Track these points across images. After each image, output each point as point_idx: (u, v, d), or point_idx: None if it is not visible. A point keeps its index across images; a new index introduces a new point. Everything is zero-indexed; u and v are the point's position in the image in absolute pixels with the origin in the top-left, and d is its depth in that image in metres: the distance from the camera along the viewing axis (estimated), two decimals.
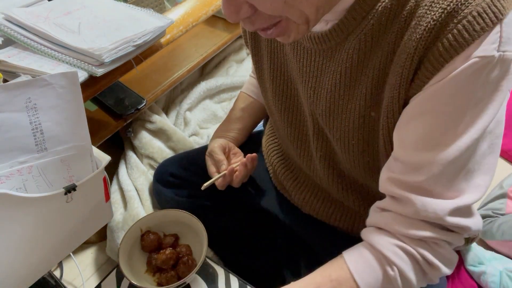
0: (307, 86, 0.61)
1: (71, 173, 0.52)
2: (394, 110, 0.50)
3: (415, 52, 0.45)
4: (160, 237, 0.71)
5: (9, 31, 0.84)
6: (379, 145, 0.57)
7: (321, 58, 0.57)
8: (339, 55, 0.54)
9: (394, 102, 0.50)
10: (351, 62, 0.53)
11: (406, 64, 0.46)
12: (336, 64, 0.55)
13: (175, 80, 1.25)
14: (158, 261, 0.67)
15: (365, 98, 0.54)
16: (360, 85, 0.54)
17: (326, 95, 0.58)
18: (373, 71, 0.51)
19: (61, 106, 0.51)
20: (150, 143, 1.21)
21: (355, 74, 0.53)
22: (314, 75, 0.59)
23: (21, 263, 0.50)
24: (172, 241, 0.70)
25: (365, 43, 0.50)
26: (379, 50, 0.50)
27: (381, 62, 0.50)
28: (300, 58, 0.60)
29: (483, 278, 0.91)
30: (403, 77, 0.47)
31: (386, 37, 0.49)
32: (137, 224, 0.70)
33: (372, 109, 0.54)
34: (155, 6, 1.35)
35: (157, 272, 0.69)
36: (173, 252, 0.68)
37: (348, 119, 0.57)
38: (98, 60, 0.81)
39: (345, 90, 0.55)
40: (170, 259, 0.67)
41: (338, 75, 0.55)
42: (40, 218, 0.49)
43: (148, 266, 0.70)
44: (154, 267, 0.69)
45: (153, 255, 0.69)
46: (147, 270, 0.69)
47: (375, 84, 0.52)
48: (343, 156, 0.62)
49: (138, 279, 0.65)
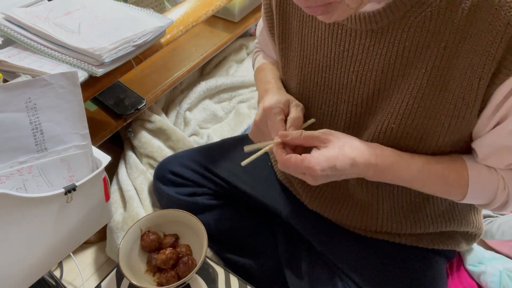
0: (348, 70, 0.59)
1: (71, 173, 0.52)
2: (472, 91, 0.49)
3: (505, 30, 0.44)
4: (160, 237, 0.71)
5: (9, 31, 0.84)
6: (431, 128, 0.55)
7: (369, 40, 0.54)
8: (393, 35, 0.52)
9: (473, 83, 0.48)
10: (411, 41, 0.51)
11: (495, 42, 0.45)
12: (389, 44, 0.53)
13: (175, 80, 1.25)
14: (158, 261, 0.67)
15: (422, 78, 0.52)
16: (419, 64, 0.52)
17: (374, 78, 0.56)
18: (438, 50, 0.50)
19: (61, 106, 0.51)
20: (150, 143, 1.21)
21: (413, 53, 0.52)
22: (358, 59, 0.57)
23: (21, 263, 0.50)
24: (172, 241, 0.70)
25: (430, 21, 0.48)
26: (448, 27, 0.48)
27: (449, 41, 0.48)
28: (342, 42, 0.58)
29: (483, 278, 0.91)
30: (489, 56, 0.46)
31: (456, 15, 0.47)
32: (137, 224, 0.70)
33: (431, 89, 0.52)
34: (155, 6, 1.35)
35: (157, 272, 0.69)
36: (173, 252, 0.68)
37: (397, 100, 0.55)
38: (98, 60, 0.81)
39: (400, 70, 0.53)
40: (170, 259, 0.66)
41: (394, 55, 0.53)
42: (40, 218, 0.49)
43: (148, 266, 0.70)
44: (154, 267, 0.69)
45: (153, 255, 0.69)
46: (147, 270, 0.69)
47: (439, 63, 0.50)
48: (375, 140, 0.59)
49: (138, 279, 0.65)
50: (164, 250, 0.68)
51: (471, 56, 0.48)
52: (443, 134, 0.55)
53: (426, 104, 0.53)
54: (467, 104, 0.51)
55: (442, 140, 0.55)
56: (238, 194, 0.85)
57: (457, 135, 0.55)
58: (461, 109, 0.51)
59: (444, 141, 0.56)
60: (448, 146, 0.57)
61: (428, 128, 0.55)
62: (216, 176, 0.86)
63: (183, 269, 0.66)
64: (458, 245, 0.72)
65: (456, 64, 0.49)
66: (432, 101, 0.53)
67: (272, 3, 0.68)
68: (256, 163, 0.90)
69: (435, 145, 0.56)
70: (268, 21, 0.71)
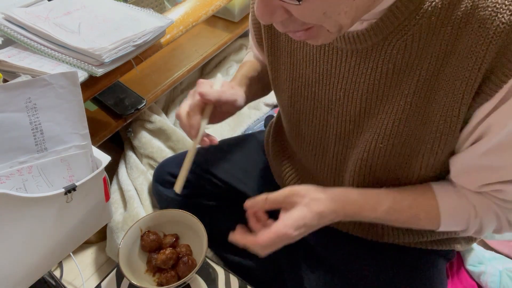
0: (336, 88, 0.59)
1: (71, 173, 0.52)
2: (454, 115, 0.49)
3: (484, 56, 0.44)
4: (160, 237, 0.71)
5: (9, 31, 0.84)
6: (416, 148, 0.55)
7: (355, 59, 0.55)
8: (377, 55, 0.52)
9: (454, 107, 0.49)
10: (394, 62, 0.51)
11: (474, 68, 0.45)
12: (373, 65, 0.53)
13: (175, 80, 1.25)
14: (158, 261, 0.67)
15: (405, 100, 0.52)
16: (402, 86, 0.52)
17: (361, 96, 0.57)
18: (420, 73, 0.50)
19: (61, 106, 0.51)
20: (150, 143, 1.21)
21: (397, 75, 0.52)
22: (345, 77, 0.57)
23: (21, 263, 0.50)
24: (172, 241, 0.70)
25: (412, 43, 0.49)
26: (429, 52, 0.48)
27: (431, 64, 0.49)
28: (329, 59, 0.58)
29: (483, 278, 0.92)
30: (469, 82, 0.46)
31: (437, 39, 0.47)
32: (137, 224, 0.70)
33: (415, 111, 0.53)
34: (155, 6, 1.35)
35: (157, 272, 0.69)
36: (173, 252, 0.67)
37: (382, 120, 0.56)
38: (98, 60, 0.81)
39: (384, 91, 0.54)
40: (170, 259, 0.66)
41: (378, 75, 0.53)
42: (40, 218, 0.49)
43: (148, 266, 0.70)
44: (154, 267, 0.69)
45: (153, 255, 0.69)
46: (147, 270, 0.69)
47: (421, 86, 0.50)
48: (363, 161, 0.61)
49: (138, 279, 0.65)
50: (164, 250, 0.68)
51: (453, 80, 0.48)
52: (428, 156, 0.55)
53: (411, 126, 0.54)
54: (449, 126, 0.51)
55: (427, 160, 0.56)
56: (237, 195, 0.85)
57: (442, 157, 0.55)
58: (443, 131, 0.52)
59: (430, 163, 0.56)
60: (436, 167, 0.57)
61: (413, 149, 0.56)
62: (215, 177, 0.86)
63: (183, 269, 0.66)
64: (458, 245, 0.72)
65: (438, 88, 0.50)
66: (416, 122, 0.53)
67: None
68: (255, 164, 0.90)
69: (424, 166, 0.57)
70: (256, 35, 0.72)
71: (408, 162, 0.57)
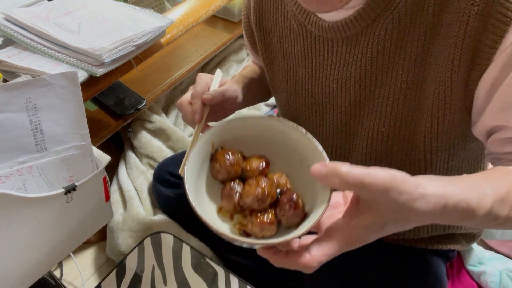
0: (329, 80, 0.59)
1: (71, 173, 0.52)
2: (446, 86, 0.49)
3: (468, 19, 0.44)
4: (240, 159, 0.48)
5: (9, 31, 0.84)
6: (417, 129, 0.54)
7: (345, 47, 0.55)
8: (367, 40, 0.52)
9: (452, 75, 0.48)
10: (383, 44, 0.51)
11: (460, 33, 0.45)
12: (364, 50, 0.53)
13: (175, 80, 1.25)
14: (248, 197, 0.43)
15: (401, 79, 0.52)
16: (395, 66, 0.52)
17: (354, 84, 0.56)
18: (411, 50, 0.50)
19: (61, 106, 0.51)
20: (150, 143, 1.21)
21: (387, 56, 0.52)
22: (337, 67, 0.57)
23: (21, 263, 0.50)
24: (262, 168, 0.46)
25: (399, 22, 0.49)
26: (417, 27, 0.48)
27: (420, 39, 0.49)
28: (320, 52, 0.58)
29: (483, 278, 0.91)
30: (457, 48, 0.46)
31: (423, 13, 0.47)
32: (207, 136, 0.47)
33: (411, 90, 0.52)
34: (155, 6, 1.35)
35: (239, 213, 0.45)
36: (272, 183, 0.44)
37: (381, 104, 0.55)
38: (98, 60, 0.81)
39: (378, 74, 0.54)
40: (269, 195, 0.42)
41: (369, 60, 0.53)
42: (40, 218, 0.49)
43: (227, 203, 0.46)
44: (235, 206, 0.45)
45: (234, 185, 0.46)
46: (221, 209, 0.46)
47: (414, 63, 0.50)
48: (367, 148, 0.60)
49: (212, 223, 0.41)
50: (257, 179, 0.44)
51: (442, 51, 0.48)
52: (429, 137, 0.54)
53: (410, 105, 0.53)
54: (444, 101, 0.50)
55: (430, 143, 0.55)
56: None
57: (444, 138, 0.54)
58: (439, 107, 0.51)
59: (432, 146, 0.55)
60: (439, 154, 0.56)
61: (414, 130, 0.55)
62: None
63: (289, 214, 0.42)
64: (458, 244, 0.72)
65: (430, 62, 0.50)
66: (414, 101, 0.53)
67: (251, 22, 0.69)
68: None
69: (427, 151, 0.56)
70: (249, 39, 0.73)
71: (411, 147, 0.56)
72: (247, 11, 0.71)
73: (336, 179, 0.34)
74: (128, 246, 1.03)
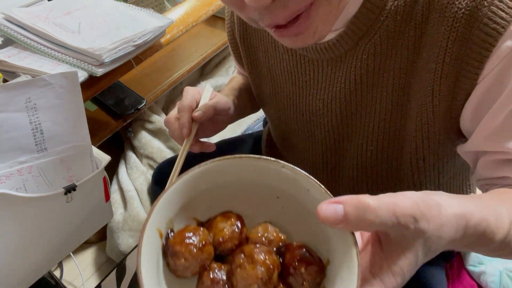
0: (315, 98, 0.59)
1: (71, 173, 0.52)
2: (428, 107, 0.49)
3: (447, 44, 0.44)
4: (206, 231, 0.33)
5: (9, 31, 0.84)
6: (405, 149, 0.55)
7: (330, 68, 0.55)
8: (350, 62, 0.53)
9: (433, 100, 0.48)
10: (366, 67, 0.51)
11: (439, 58, 0.45)
12: (348, 72, 0.53)
13: (175, 80, 1.25)
14: (250, 285, 0.30)
15: (385, 101, 0.52)
16: (379, 88, 0.52)
17: (340, 104, 0.57)
18: (394, 73, 0.50)
19: (61, 106, 0.51)
20: (150, 143, 1.21)
21: (371, 78, 0.52)
22: (322, 87, 0.57)
23: (21, 263, 0.50)
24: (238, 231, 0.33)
25: (381, 45, 0.49)
26: (399, 50, 0.49)
27: (402, 62, 0.49)
28: (306, 71, 0.58)
29: (483, 278, 0.91)
30: (436, 72, 0.46)
31: (404, 37, 0.48)
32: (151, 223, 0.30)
33: (396, 111, 0.52)
34: (155, 6, 1.35)
35: None
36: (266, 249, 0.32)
37: (367, 123, 0.56)
38: (98, 60, 0.81)
39: (362, 95, 0.54)
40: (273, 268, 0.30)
41: (353, 81, 0.53)
42: (40, 218, 0.49)
43: None
44: None
45: (215, 275, 0.32)
46: None
47: (397, 86, 0.50)
48: (358, 165, 0.60)
49: None
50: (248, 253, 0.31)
51: (424, 76, 0.48)
52: (415, 157, 0.54)
53: (396, 125, 0.54)
54: (427, 124, 0.50)
55: (417, 163, 0.55)
56: None
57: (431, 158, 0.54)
58: (422, 130, 0.51)
59: (420, 165, 0.55)
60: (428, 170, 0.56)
61: (402, 149, 0.55)
62: None
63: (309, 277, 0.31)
64: None
65: (412, 87, 0.50)
66: (400, 121, 0.53)
67: (236, 36, 0.69)
68: None
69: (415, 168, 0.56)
70: (235, 53, 0.73)
71: (399, 165, 0.57)
72: (231, 26, 0.70)
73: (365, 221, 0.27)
74: (128, 246, 1.03)
